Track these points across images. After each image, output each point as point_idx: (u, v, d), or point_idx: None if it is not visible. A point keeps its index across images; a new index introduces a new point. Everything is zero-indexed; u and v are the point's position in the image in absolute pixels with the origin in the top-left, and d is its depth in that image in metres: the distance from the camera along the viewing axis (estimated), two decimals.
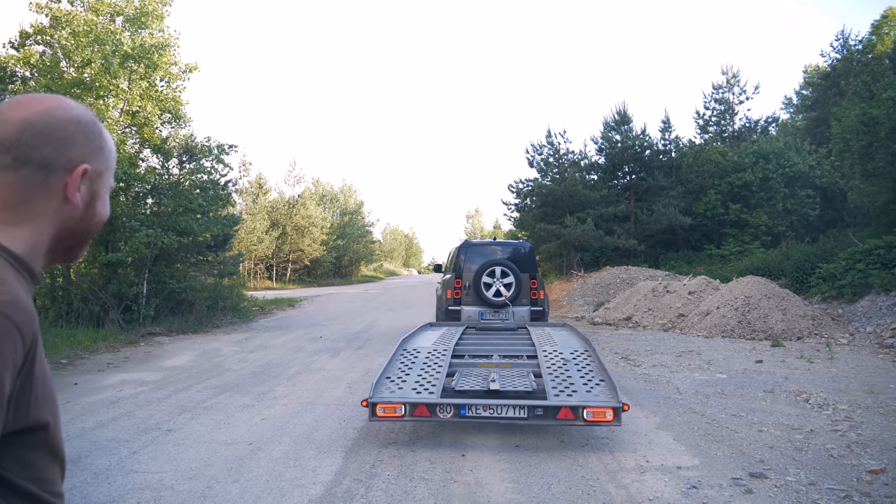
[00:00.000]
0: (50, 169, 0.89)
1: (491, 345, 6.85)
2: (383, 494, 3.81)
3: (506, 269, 9.02)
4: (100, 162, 0.96)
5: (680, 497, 3.71)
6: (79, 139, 0.92)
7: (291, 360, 9.11)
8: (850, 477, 4.01)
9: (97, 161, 0.95)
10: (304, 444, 4.86)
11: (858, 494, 3.69)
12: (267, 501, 3.70)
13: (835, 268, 13.02)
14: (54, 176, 0.90)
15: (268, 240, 35.39)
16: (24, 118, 0.88)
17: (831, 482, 3.91)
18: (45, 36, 13.08)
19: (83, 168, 0.92)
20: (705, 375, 7.69)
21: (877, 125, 14.34)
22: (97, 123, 0.97)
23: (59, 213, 0.91)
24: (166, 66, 13.64)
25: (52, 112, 0.90)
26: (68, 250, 0.97)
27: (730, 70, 29.13)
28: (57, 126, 0.90)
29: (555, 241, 24.55)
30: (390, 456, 4.56)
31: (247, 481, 4.03)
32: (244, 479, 4.08)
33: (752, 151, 24.54)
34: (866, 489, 3.78)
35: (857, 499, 3.63)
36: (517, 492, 3.84)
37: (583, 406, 4.47)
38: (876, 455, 4.45)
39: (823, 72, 27.21)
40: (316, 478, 4.10)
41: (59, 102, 0.93)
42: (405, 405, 4.62)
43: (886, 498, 3.64)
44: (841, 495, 3.68)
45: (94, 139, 0.95)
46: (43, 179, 0.89)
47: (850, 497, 3.65)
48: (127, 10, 13.57)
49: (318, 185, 48.06)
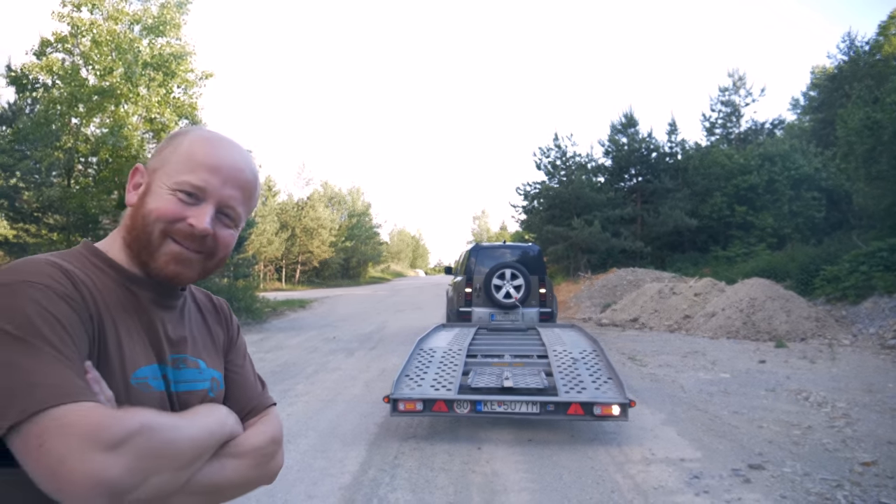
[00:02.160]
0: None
1: (503, 345, 7.13)
2: (407, 483, 4.12)
3: (515, 272, 9.30)
4: (157, 159, 0.99)
5: (683, 486, 4.00)
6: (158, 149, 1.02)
7: (308, 360, 9.43)
8: (844, 468, 4.28)
9: (155, 159, 0.99)
10: (329, 437, 5.17)
11: (850, 484, 3.97)
12: (300, 488, 4.01)
13: (839, 270, 13.23)
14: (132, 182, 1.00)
15: (277, 241, 35.81)
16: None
17: (825, 473, 4.18)
18: (66, 44, 13.50)
19: (135, 166, 1.00)
20: (709, 375, 7.96)
21: (881, 129, 14.53)
22: (180, 133, 1.02)
23: (128, 214, 0.98)
24: (183, 74, 14.02)
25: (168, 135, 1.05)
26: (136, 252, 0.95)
27: (736, 73, 29.38)
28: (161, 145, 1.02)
29: (562, 243, 24.83)
30: (411, 449, 4.87)
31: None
32: None
33: (758, 154, 24.74)
34: (857, 479, 4.05)
35: (848, 488, 3.90)
36: (531, 481, 4.14)
37: (592, 402, 4.76)
38: (869, 449, 4.71)
39: (830, 73, 27.35)
40: (343, 468, 4.41)
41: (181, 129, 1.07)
42: (424, 401, 4.92)
43: (875, 487, 3.91)
44: (833, 484, 3.96)
45: (164, 145, 1.01)
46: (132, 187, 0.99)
47: (841, 486, 3.93)
48: (145, 19, 13.96)
49: (326, 188, 48.51)
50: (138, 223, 0.94)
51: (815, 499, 3.75)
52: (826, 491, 3.87)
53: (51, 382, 0.72)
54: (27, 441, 0.69)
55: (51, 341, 0.75)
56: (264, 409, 1.07)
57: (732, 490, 3.91)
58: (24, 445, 0.69)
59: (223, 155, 0.97)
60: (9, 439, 0.71)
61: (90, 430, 0.70)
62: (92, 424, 0.70)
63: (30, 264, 0.84)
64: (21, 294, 0.78)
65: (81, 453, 0.68)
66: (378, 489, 4.00)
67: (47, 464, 0.68)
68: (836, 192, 23.01)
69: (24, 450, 0.70)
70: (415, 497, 3.88)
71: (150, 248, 0.93)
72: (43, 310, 0.77)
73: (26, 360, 0.73)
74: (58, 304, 0.80)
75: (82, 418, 0.71)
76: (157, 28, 14.05)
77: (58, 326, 0.77)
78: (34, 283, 0.80)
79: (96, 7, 13.46)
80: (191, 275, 0.97)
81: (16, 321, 0.75)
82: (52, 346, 0.75)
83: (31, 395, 0.71)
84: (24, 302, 0.77)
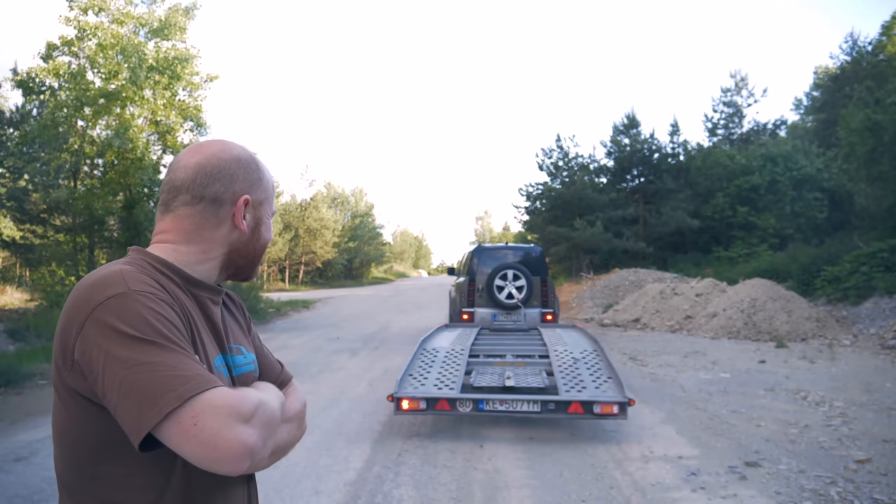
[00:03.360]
0: (219, 202, 1.06)
1: (505, 345, 7.23)
2: (411, 479, 4.22)
3: (518, 273, 9.38)
4: (259, 192, 1.11)
5: (680, 483, 4.09)
6: (240, 175, 1.08)
7: (312, 360, 9.55)
8: (838, 466, 4.37)
9: (257, 191, 1.11)
10: (334, 435, 5.27)
11: (843, 480, 4.06)
12: (307, 484, 4.11)
13: (840, 270, 13.30)
14: (223, 208, 1.07)
15: (281, 242, 35.99)
16: (198, 163, 1.06)
17: (820, 470, 4.27)
18: (73, 48, 13.62)
19: (245, 198, 1.08)
20: (709, 375, 8.04)
21: (881, 130, 14.60)
22: (255, 160, 1.13)
23: (229, 237, 1.08)
24: (189, 77, 14.13)
25: (218, 155, 1.08)
26: (241, 268, 1.14)
27: (738, 73, 29.42)
28: (223, 167, 1.07)
29: (564, 243, 24.92)
30: (414, 446, 4.97)
31: (286, 468, 4.44)
32: (283, 465, 4.49)
33: (760, 154, 24.79)
34: (851, 476, 4.14)
35: (842, 484, 3.99)
36: (532, 477, 4.24)
37: (592, 401, 4.86)
38: (864, 447, 4.80)
39: (833, 74, 27.38)
40: (348, 465, 4.51)
41: (224, 146, 1.11)
42: (427, 400, 5.03)
43: (869, 484, 4.00)
44: (827, 481, 4.05)
45: (252, 173, 1.10)
46: (214, 211, 1.06)
47: (835, 483, 4.02)
48: (151, 23, 14.09)
49: (329, 188, 48.68)
50: (257, 250, 1.14)
51: (810, 495, 3.84)
52: (820, 487, 3.96)
53: (194, 373, 0.85)
54: (182, 422, 0.81)
55: (174, 340, 0.88)
56: (289, 382, 1.26)
57: (729, 486, 4.01)
58: (180, 426, 0.81)
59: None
60: (160, 425, 0.82)
61: (232, 408, 0.85)
62: (232, 403, 0.85)
63: (121, 275, 0.92)
64: (134, 302, 0.88)
65: (231, 427, 0.83)
66: (382, 485, 4.11)
67: (205, 438, 0.81)
68: (839, 192, 23.05)
69: (178, 430, 0.81)
70: (418, 493, 3.98)
71: (257, 266, 1.16)
72: (158, 314, 0.89)
73: (164, 358, 0.85)
74: (165, 308, 0.92)
75: (225, 399, 0.85)
76: (163, 31, 14.17)
77: (172, 327, 0.90)
78: (140, 291, 0.90)
79: (102, 11, 13.60)
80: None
81: (139, 327, 0.86)
82: (177, 345, 0.88)
83: (182, 384, 0.83)
84: (141, 308, 0.88)
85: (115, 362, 0.84)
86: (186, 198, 1.05)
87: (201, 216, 1.06)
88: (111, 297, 0.88)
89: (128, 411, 0.83)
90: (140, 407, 0.82)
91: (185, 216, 1.05)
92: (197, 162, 1.06)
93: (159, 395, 0.82)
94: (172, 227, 1.07)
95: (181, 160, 1.08)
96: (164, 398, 0.81)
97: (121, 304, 0.87)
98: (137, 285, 0.91)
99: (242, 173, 1.09)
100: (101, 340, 0.85)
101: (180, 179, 1.06)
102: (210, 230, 1.07)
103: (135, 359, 0.84)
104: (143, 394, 0.82)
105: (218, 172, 1.06)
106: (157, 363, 0.84)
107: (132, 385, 0.83)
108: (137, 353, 0.84)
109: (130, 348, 0.84)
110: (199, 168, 1.06)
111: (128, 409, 0.83)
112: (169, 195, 1.07)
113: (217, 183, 1.06)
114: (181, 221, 1.06)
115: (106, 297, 0.88)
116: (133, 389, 0.82)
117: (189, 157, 1.08)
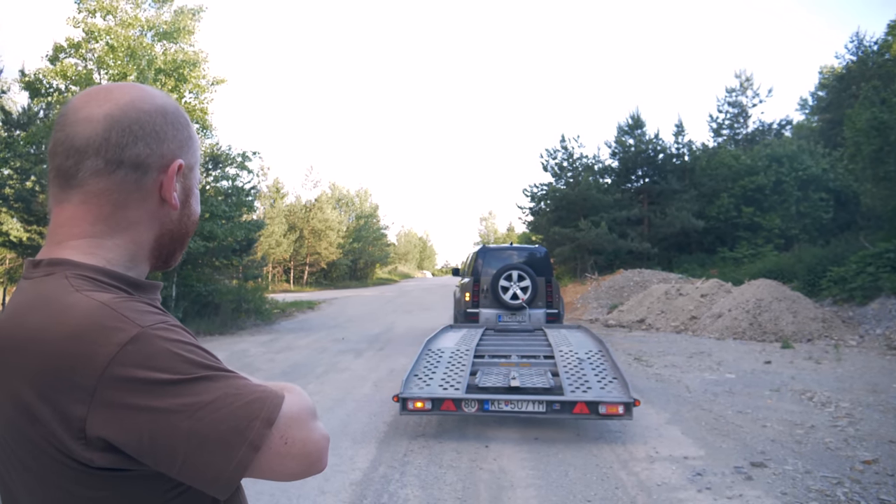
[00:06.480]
0: (144, 169, 0.79)
1: (509, 345, 7.24)
2: (416, 479, 4.24)
3: (522, 273, 9.40)
4: (190, 155, 0.86)
5: (685, 483, 4.10)
6: (168, 132, 0.82)
7: (318, 361, 9.58)
8: (845, 466, 4.37)
9: (188, 154, 0.85)
10: (340, 436, 5.29)
11: (850, 481, 4.05)
12: (313, 484, 4.13)
13: (845, 271, 13.24)
14: (148, 176, 0.80)
15: (285, 243, 36.07)
16: (108, 114, 0.78)
17: (826, 471, 4.27)
18: (80, 50, 13.71)
19: (178, 164, 0.82)
20: (715, 375, 8.03)
21: (887, 130, 14.53)
22: (182, 112, 0.86)
23: (157, 215, 0.83)
24: (195, 80, 14.21)
25: (136, 104, 0.80)
26: (169, 255, 0.88)
27: (743, 73, 29.46)
28: (146, 120, 0.79)
29: (569, 244, 24.90)
30: (420, 447, 4.99)
31: None
32: None
33: (765, 155, 24.72)
34: (858, 477, 4.14)
35: (848, 485, 3.99)
36: (537, 478, 4.25)
37: (597, 401, 4.86)
38: (871, 448, 4.79)
39: (838, 73, 27.28)
40: (354, 465, 4.53)
41: (142, 91, 0.82)
42: (433, 400, 5.04)
43: (875, 484, 4.00)
44: (834, 482, 4.05)
45: (182, 129, 0.84)
46: (137, 181, 0.79)
47: (841, 483, 4.02)
48: (158, 26, 14.17)
49: (334, 189, 48.77)
50: (189, 228, 0.89)
51: (816, 496, 3.84)
52: (826, 488, 3.95)
53: (259, 391, 0.74)
54: (273, 447, 0.72)
55: (215, 366, 0.75)
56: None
57: (734, 487, 4.01)
58: (272, 451, 0.72)
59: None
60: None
61: (304, 410, 0.78)
62: (301, 406, 0.78)
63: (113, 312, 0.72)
64: (157, 340, 0.71)
65: (311, 429, 0.77)
66: (388, 485, 4.13)
67: (297, 452, 0.74)
68: (844, 192, 22.97)
69: (270, 456, 0.72)
70: (424, 493, 4.00)
71: (181, 253, 0.91)
72: (185, 345, 0.74)
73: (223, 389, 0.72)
74: (183, 333, 0.77)
75: (296, 406, 0.77)
76: (171, 34, 14.25)
77: (203, 351, 0.76)
78: (151, 325, 0.72)
79: (110, 13, 13.68)
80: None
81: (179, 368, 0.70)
82: (221, 369, 0.75)
83: (259, 409, 0.72)
84: (167, 345, 0.71)
85: (171, 416, 0.68)
86: (98, 163, 0.77)
87: (120, 190, 0.79)
88: (126, 345, 0.68)
89: (209, 464, 0.69)
90: (226, 451, 0.69)
91: (100, 192, 0.78)
92: (107, 113, 0.78)
93: (243, 429, 0.70)
94: (83, 213, 0.79)
95: (81, 111, 0.78)
96: (251, 430, 0.71)
97: (143, 350, 0.69)
98: (144, 319, 0.72)
99: (171, 130, 0.82)
100: (137, 400, 0.67)
101: (84, 137, 0.77)
102: (133, 208, 0.80)
103: (193, 403, 0.69)
104: (224, 436, 0.69)
105: (139, 128, 0.79)
106: (218, 398, 0.71)
107: (206, 432, 0.69)
108: (193, 396, 0.69)
109: (182, 395, 0.69)
110: (113, 122, 0.77)
111: (208, 462, 0.69)
112: (68, 161, 0.78)
113: (140, 142, 0.79)
114: (95, 202, 0.78)
115: (117, 346, 0.68)
116: (209, 437, 0.69)
117: (94, 106, 0.78)
